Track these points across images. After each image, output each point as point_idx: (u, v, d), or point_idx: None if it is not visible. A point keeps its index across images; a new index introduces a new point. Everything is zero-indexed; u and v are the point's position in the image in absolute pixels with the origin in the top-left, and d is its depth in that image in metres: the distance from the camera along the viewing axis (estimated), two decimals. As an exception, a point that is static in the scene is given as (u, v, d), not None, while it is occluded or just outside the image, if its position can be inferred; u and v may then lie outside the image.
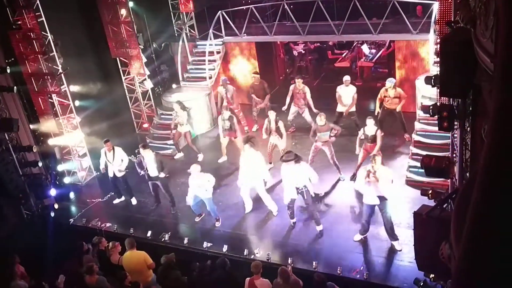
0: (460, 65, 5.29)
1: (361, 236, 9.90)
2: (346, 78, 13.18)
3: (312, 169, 10.24)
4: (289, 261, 9.44)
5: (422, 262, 6.64)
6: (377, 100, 12.84)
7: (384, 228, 9.64)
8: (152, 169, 11.27)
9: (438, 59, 8.21)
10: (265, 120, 12.42)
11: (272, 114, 12.23)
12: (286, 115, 13.86)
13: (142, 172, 11.37)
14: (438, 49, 10.30)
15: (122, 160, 11.87)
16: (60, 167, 13.24)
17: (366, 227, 9.77)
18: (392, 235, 9.53)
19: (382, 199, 9.27)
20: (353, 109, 13.25)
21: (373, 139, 11.08)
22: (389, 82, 12.49)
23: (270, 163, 12.69)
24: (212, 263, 8.89)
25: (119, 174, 11.92)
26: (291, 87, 13.83)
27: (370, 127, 11.10)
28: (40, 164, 11.97)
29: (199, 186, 10.58)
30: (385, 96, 12.58)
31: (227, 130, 12.92)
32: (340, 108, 13.34)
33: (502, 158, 2.15)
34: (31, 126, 12.63)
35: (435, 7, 12.15)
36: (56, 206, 12.03)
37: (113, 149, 11.77)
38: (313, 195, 10.10)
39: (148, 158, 11.23)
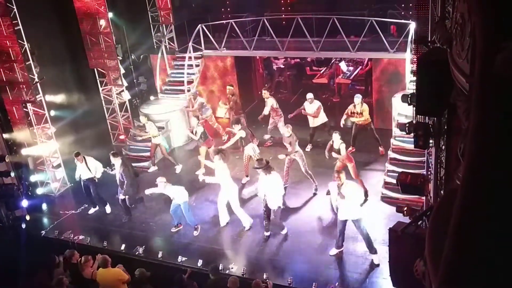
0: (436, 85, 5.38)
1: (336, 250, 9.93)
2: (309, 96, 13.56)
3: (280, 184, 10.31)
4: (264, 276, 9.39)
5: (396, 278, 6.66)
6: (344, 114, 13.09)
7: (360, 244, 9.70)
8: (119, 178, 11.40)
9: (414, 78, 8.35)
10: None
11: (236, 127, 12.46)
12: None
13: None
14: (414, 68, 10.47)
15: (96, 168, 11.84)
16: (33, 178, 13.00)
17: (339, 241, 9.81)
18: (371, 248, 9.60)
19: (353, 214, 9.36)
20: (324, 120, 13.63)
21: (338, 152, 11.24)
22: (357, 99, 12.78)
23: (247, 175, 12.70)
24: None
25: (98, 175, 11.93)
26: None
27: (336, 141, 11.26)
28: (12, 174, 11.73)
29: (172, 197, 10.73)
30: (352, 112, 12.85)
31: (205, 140, 12.98)
32: (312, 123, 13.69)
33: (480, 177, 2.18)
34: (4, 136, 12.37)
35: (412, 26, 12.39)
36: (27, 217, 11.79)
37: (84, 159, 11.71)
38: (275, 208, 10.20)
39: (117, 167, 11.36)
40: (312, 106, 13.46)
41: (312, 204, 11.79)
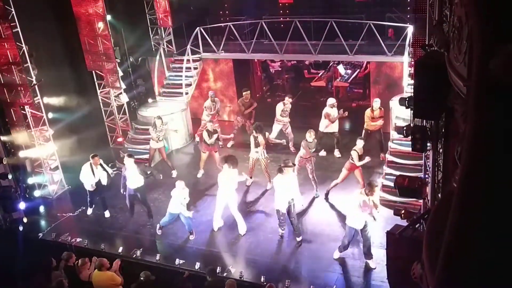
0: (434, 88, 5.40)
1: (339, 253, 9.97)
2: (332, 101, 13.49)
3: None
4: (262, 279, 9.39)
5: (394, 281, 6.68)
6: (367, 119, 12.99)
7: (359, 247, 9.75)
8: (133, 180, 11.26)
9: (412, 81, 8.37)
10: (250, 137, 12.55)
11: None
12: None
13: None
14: (412, 72, 10.50)
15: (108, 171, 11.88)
16: (31, 180, 12.96)
17: (346, 247, 9.83)
18: (368, 254, 9.64)
19: (367, 222, 9.41)
20: (335, 130, 13.56)
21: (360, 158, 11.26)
22: (376, 103, 12.84)
23: (251, 177, 12.70)
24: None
25: (104, 183, 11.82)
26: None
27: (359, 146, 11.29)
28: (9, 176, 11.71)
29: (177, 199, 10.66)
30: (372, 117, 12.86)
31: (211, 145, 12.93)
32: (323, 128, 13.51)
33: (477, 181, 2.19)
34: (2, 138, 12.34)
35: (410, 30, 12.42)
36: (25, 220, 11.77)
37: (100, 164, 11.74)
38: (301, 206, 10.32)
39: (130, 168, 11.26)
40: (334, 111, 13.37)
41: (311, 208, 11.78)
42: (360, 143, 11.33)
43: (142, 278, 8.73)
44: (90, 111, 15.30)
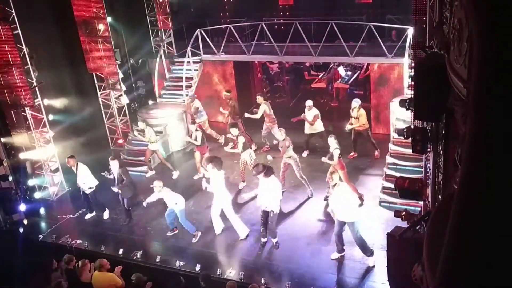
0: (434, 89, 5.39)
1: (338, 254, 9.94)
2: (308, 103, 13.53)
3: (278, 188, 10.27)
4: (262, 281, 9.38)
5: (394, 283, 6.66)
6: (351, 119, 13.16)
7: (357, 249, 9.71)
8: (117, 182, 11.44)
9: (412, 83, 8.37)
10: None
11: (234, 131, 12.48)
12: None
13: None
14: (412, 73, 10.49)
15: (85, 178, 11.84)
16: (31, 182, 12.98)
17: (339, 245, 9.83)
18: (365, 251, 9.62)
19: (348, 217, 9.40)
20: (320, 130, 13.59)
21: (331, 157, 11.22)
22: (354, 103, 12.92)
23: (243, 181, 12.71)
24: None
25: (87, 191, 11.84)
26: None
27: (332, 145, 11.24)
28: (10, 178, 11.71)
29: (168, 202, 10.71)
30: (351, 116, 12.92)
31: (200, 145, 13.01)
32: (306, 130, 13.67)
33: (477, 182, 2.19)
34: (2, 140, 12.35)
35: (410, 31, 12.43)
36: (25, 221, 11.75)
37: (77, 165, 11.72)
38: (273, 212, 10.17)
39: (114, 169, 11.39)
40: (310, 113, 13.43)
41: (308, 208, 11.79)
42: (332, 141, 11.18)
43: (133, 281, 8.71)
44: (90, 113, 15.33)
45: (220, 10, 19.17)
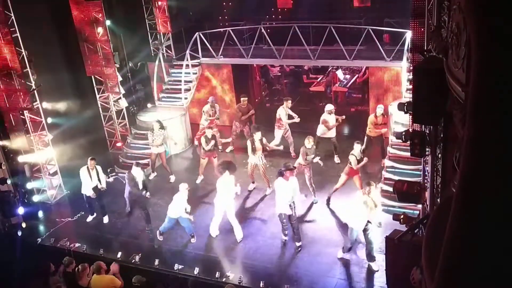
0: (432, 93, 5.40)
1: (343, 254, 10.01)
2: (330, 107, 13.44)
3: (283, 190, 10.28)
4: (261, 284, 9.37)
5: (393, 286, 6.67)
6: (370, 125, 12.98)
7: (359, 252, 9.82)
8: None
9: (410, 86, 8.38)
10: (247, 141, 12.49)
11: (257, 135, 12.32)
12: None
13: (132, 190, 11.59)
14: (411, 77, 10.52)
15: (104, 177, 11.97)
16: (30, 185, 12.93)
17: (349, 248, 9.89)
18: (371, 256, 9.65)
19: (369, 224, 9.47)
20: (332, 135, 13.54)
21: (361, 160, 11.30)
22: (379, 109, 12.80)
23: (253, 182, 12.81)
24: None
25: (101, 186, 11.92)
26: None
27: (356, 150, 11.31)
28: (8, 181, 11.68)
29: (180, 203, 10.69)
30: (376, 124, 12.83)
31: (209, 151, 12.91)
32: (320, 133, 13.49)
33: (475, 186, 2.20)
34: (1, 143, 12.33)
35: (408, 35, 12.46)
36: (23, 225, 11.74)
37: (95, 167, 11.78)
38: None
39: (139, 176, 11.51)
40: (331, 117, 13.34)
41: (311, 212, 11.78)
42: (357, 147, 11.34)
43: (135, 283, 8.70)
44: (89, 116, 15.32)
45: (219, 13, 19.21)
